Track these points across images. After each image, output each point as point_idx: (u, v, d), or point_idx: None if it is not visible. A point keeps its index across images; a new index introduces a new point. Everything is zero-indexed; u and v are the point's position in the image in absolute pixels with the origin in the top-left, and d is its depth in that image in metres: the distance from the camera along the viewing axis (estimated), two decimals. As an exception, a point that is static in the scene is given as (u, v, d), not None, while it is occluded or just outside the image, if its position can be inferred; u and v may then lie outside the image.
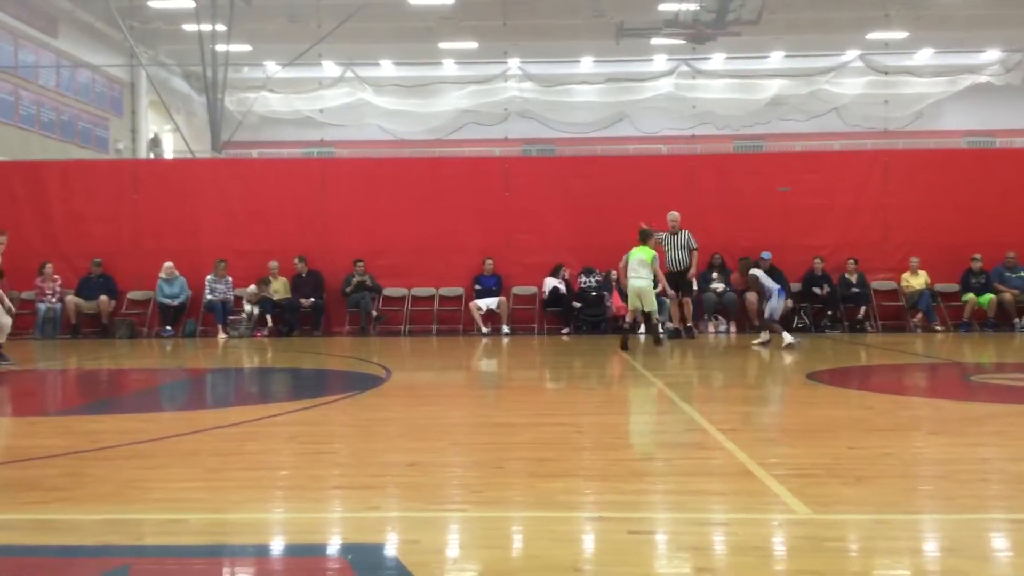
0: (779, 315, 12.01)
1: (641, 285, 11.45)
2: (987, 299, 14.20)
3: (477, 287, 14.77)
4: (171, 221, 15.20)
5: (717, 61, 27.64)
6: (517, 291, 15.02)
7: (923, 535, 3.57)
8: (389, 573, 3.09)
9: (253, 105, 27.04)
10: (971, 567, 3.06)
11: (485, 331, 14.44)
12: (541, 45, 27.02)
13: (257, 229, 15.11)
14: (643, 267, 11.43)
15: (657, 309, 12.07)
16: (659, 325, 13.52)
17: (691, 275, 13.31)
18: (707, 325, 14.30)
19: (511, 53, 27.30)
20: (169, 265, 14.65)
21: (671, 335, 13.22)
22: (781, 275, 13.37)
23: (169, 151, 27.65)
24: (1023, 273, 14.48)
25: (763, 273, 12.19)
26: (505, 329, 14.53)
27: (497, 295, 14.67)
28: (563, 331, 14.53)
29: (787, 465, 4.60)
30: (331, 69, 27.71)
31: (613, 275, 13.97)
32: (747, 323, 13.88)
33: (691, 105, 27.98)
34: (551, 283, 14.62)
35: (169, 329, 14.55)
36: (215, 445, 5.39)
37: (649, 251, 11.52)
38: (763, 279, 11.92)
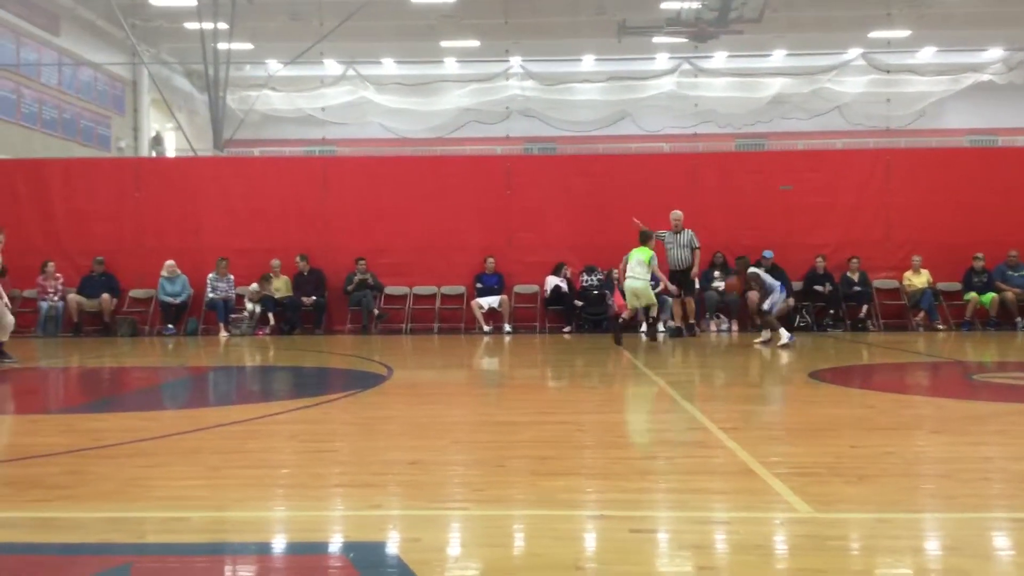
0: (778, 309, 12.05)
1: (637, 286, 11.73)
2: (989, 298, 14.19)
3: (479, 285, 14.77)
4: (173, 219, 15.20)
5: (719, 59, 27.61)
6: (519, 289, 15.02)
7: (925, 534, 3.57)
8: (391, 571, 3.09)
9: (255, 103, 27.02)
10: (973, 566, 3.06)
11: (487, 330, 14.44)
12: (543, 43, 26.99)
13: (259, 227, 15.12)
14: (641, 267, 11.68)
15: (656, 304, 12.14)
16: (660, 323, 13.58)
17: (694, 274, 13.33)
18: (709, 324, 14.30)
19: (513, 51, 27.27)
20: (171, 263, 14.65)
21: (673, 333, 13.23)
22: (783, 274, 13.37)
23: (171, 149, 27.66)
24: (1025, 272, 14.48)
25: (762, 271, 12.21)
26: (507, 328, 14.53)
27: (499, 294, 14.67)
28: (565, 330, 14.53)
29: (789, 464, 4.59)
30: (333, 67, 27.70)
31: (615, 273, 13.96)
32: (749, 322, 13.86)
33: (693, 103, 27.96)
34: (553, 281, 14.62)
35: (171, 327, 14.55)
36: (217, 443, 5.39)
37: (648, 252, 11.73)
38: (763, 276, 11.95)
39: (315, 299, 14.66)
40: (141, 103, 26.14)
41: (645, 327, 12.47)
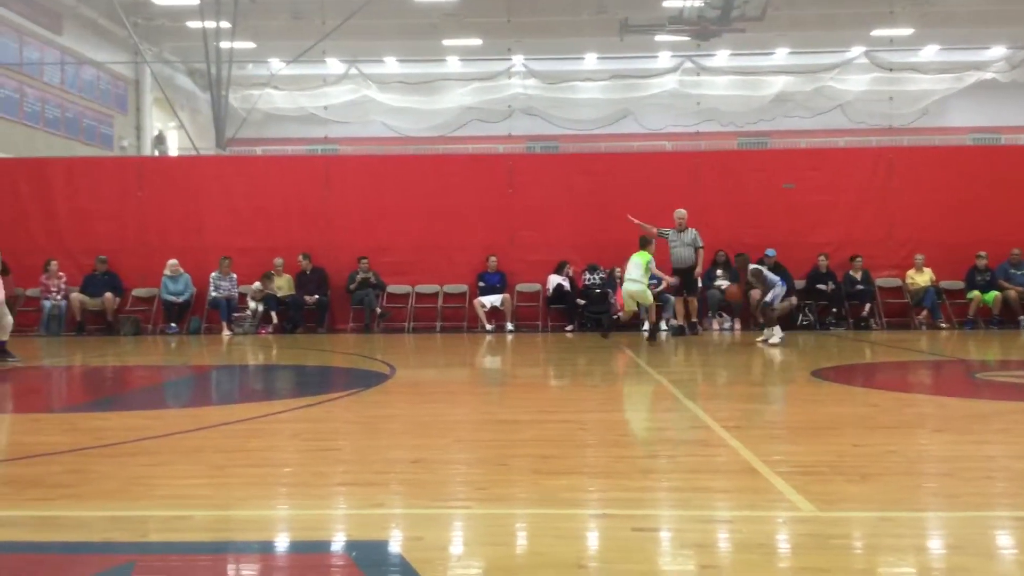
0: (780, 308, 12.06)
1: (633, 289, 11.90)
2: (992, 296, 14.17)
3: (481, 284, 14.77)
4: (176, 218, 15.21)
5: (721, 58, 27.58)
6: (521, 288, 15.01)
7: (928, 532, 3.57)
8: (393, 570, 3.09)
9: (257, 102, 27.03)
10: (976, 564, 3.05)
11: (489, 328, 14.43)
12: (545, 42, 26.98)
13: (261, 226, 15.12)
14: (638, 271, 11.84)
15: (652, 303, 12.20)
16: (663, 322, 13.58)
17: (697, 273, 13.33)
18: (711, 322, 14.29)
19: (515, 50, 27.26)
20: (174, 262, 14.66)
21: (675, 332, 13.23)
22: (785, 272, 13.35)
23: (174, 148, 27.71)
24: (1028, 270, 14.46)
25: (765, 268, 12.23)
26: (509, 326, 14.53)
27: (501, 292, 14.67)
28: (567, 328, 14.53)
29: (791, 462, 4.59)
30: (335, 66, 27.69)
31: (617, 272, 13.96)
32: (751, 320, 13.86)
33: (695, 102, 27.94)
34: (555, 280, 14.62)
35: (174, 326, 14.57)
36: (220, 442, 5.40)
37: (646, 256, 11.89)
38: (765, 272, 11.97)
39: (317, 298, 14.67)
40: (144, 102, 26.16)
41: (647, 326, 12.46)
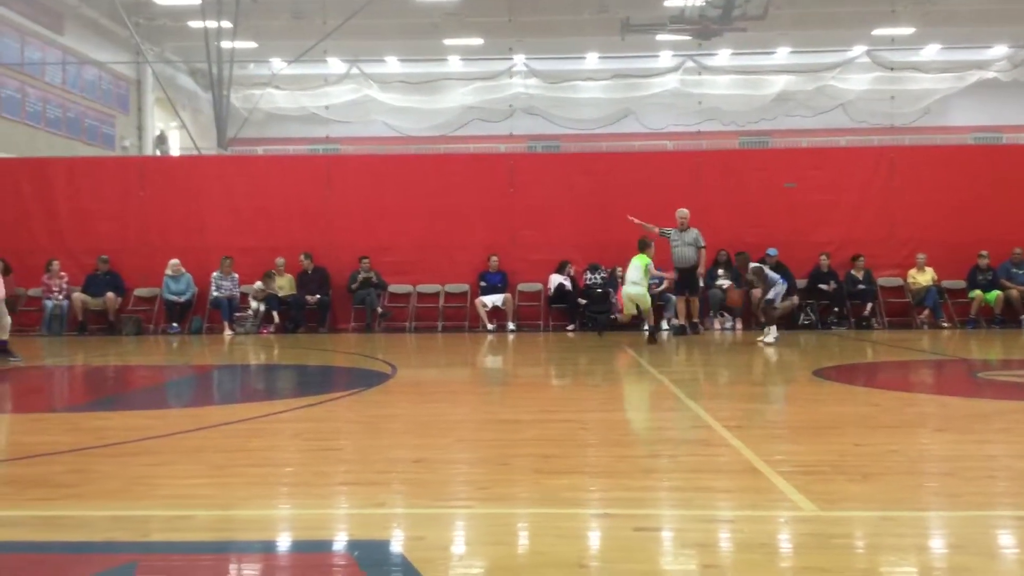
0: (781, 307, 12.07)
1: (633, 292, 11.95)
2: (994, 296, 14.16)
3: (482, 284, 14.77)
4: (177, 218, 15.22)
5: (723, 57, 27.55)
6: (522, 288, 15.01)
7: (929, 532, 3.57)
8: (395, 569, 3.09)
9: (259, 102, 27.03)
10: (977, 564, 3.05)
11: (490, 328, 14.43)
12: (546, 41, 26.97)
13: (263, 226, 15.13)
14: (637, 274, 11.88)
15: (651, 306, 12.21)
16: (664, 321, 13.58)
17: (699, 273, 13.34)
18: (713, 322, 14.29)
19: (516, 49, 27.24)
20: (175, 262, 14.67)
21: (677, 332, 13.22)
22: (787, 271, 13.34)
23: (175, 148, 27.70)
24: (1030, 270, 14.45)
25: (767, 267, 12.24)
26: (510, 326, 14.52)
27: (502, 292, 14.66)
28: (568, 328, 14.53)
29: (793, 462, 4.59)
30: (336, 66, 27.69)
31: (619, 271, 13.96)
32: (753, 320, 13.85)
33: (697, 101, 27.92)
34: (556, 280, 14.61)
35: (175, 326, 14.57)
36: (221, 442, 5.40)
37: (645, 259, 11.93)
38: (765, 270, 11.98)
39: (319, 297, 14.67)
40: (145, 102, 26.16)
41: (648, 326, 12.46)
